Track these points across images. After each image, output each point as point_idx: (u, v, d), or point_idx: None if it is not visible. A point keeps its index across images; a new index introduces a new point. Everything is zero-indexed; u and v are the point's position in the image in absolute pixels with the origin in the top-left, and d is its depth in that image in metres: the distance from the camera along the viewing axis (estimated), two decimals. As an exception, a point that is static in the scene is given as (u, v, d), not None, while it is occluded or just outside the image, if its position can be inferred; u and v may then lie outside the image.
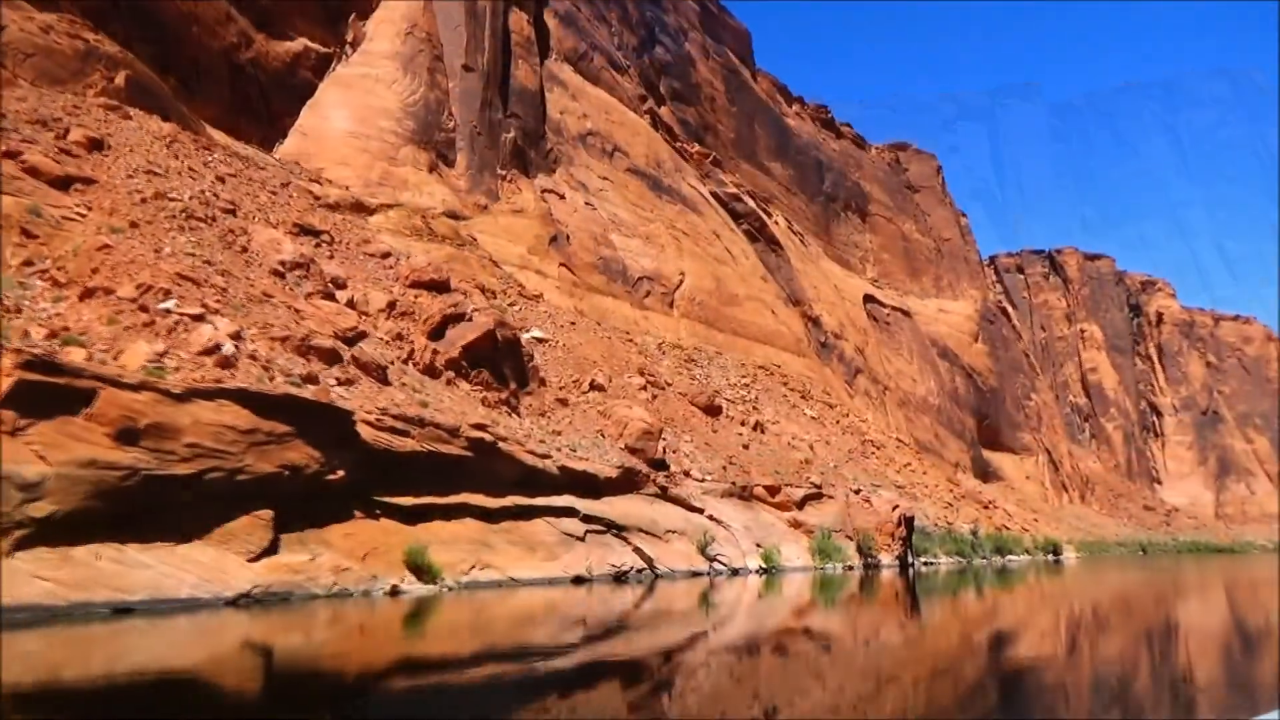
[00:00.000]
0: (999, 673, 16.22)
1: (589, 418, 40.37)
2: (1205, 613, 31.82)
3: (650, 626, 22.63)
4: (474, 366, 33.90)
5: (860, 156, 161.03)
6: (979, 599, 34.70)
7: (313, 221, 37.47)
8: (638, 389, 51.91)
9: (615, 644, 18.55)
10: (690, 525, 37.38)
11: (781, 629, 22.43)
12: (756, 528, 42.75)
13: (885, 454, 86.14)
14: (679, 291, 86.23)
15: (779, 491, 46.57)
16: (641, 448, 38.38)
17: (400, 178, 65.67)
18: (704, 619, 24.29)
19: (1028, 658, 18.45)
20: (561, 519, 29.40)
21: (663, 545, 34.16)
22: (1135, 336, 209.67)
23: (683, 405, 52.71)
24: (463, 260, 59.96)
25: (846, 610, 27.63)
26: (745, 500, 44.65)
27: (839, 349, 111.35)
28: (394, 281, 36.55)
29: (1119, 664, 17.36)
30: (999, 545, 67.98)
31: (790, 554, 43.07)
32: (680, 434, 48.04)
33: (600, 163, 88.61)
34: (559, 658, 16.60)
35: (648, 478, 37.05)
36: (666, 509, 37.04)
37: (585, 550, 29.38)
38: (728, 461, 47.60)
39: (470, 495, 25.77)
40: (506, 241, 68.76)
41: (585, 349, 56.08)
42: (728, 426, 53.45)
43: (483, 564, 24.54)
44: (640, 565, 32.10)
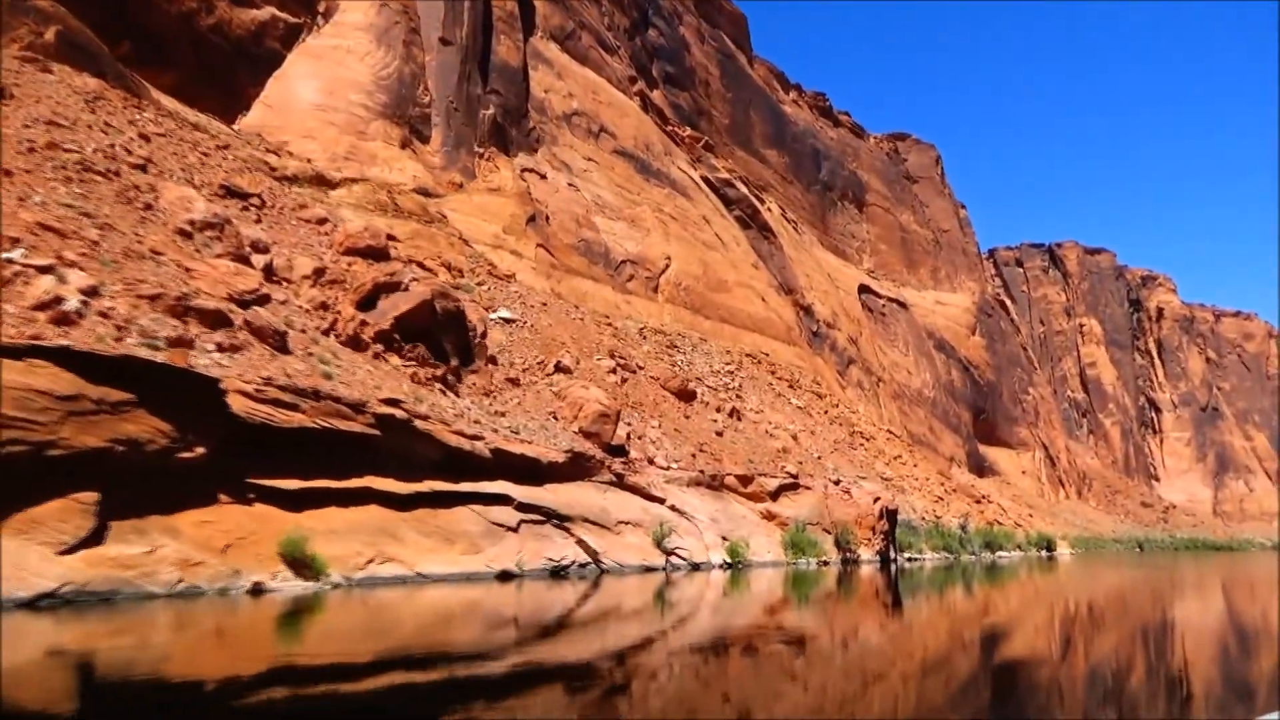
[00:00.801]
0: (979, 677, 14.45)
1: (543, 399, 37.10)
2: (1202, 613, 28.54)
3: (598, 626, 19.65)
4: (408, 340, 30.62)
5: (858, 146, 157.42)
6: (962, 597, 31.41)
7: (241, 184, 34.18)
8: (606, 372, 48.63)
9: (557, 645, 16.25)
10: (648, 516, 34.13)
11: (745, 631, 19.36)
12: (725, 519, 39.48)
13: (875, 446, 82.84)
14: (664, 276, 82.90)
15: (751, 481, 43.28)
16: (597, 431, 35.10)
17: (369, 152, 62.36)
18: (659, 618, 21.22)
19: (1010, 661, 16.47)
20: (491, 507, 26.11)
21: (612, 537, 30.89)
22: (1135, 332, 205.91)
23: (654, 389, 49.41)
24: (429, 237, 56.67)
25: (816, 611, 24.39)
26: (714, 490, 41.38)
27: (831, 339, 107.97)
28: (328, 249, 33.26)
29: (1107, 669, 15.34)
30: (989, 541, 64.61)
31: (760, 548, 39.78)
32: (648, 419, 44.77)
33: (585, 143, 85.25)
34: (487, 662, 14.12)
35: (602, 464, 33.78)
36: (622, 498, 33.78)
37: (517, 542, 26.11)
38: (698, 449, 44.32)
39: (376, 479, 22.49)
40: (480, 220, 65.44)
41: (555, 330, 52.81)
42: (702, 412, 50.15)
43: (384, 556, 21.26)
44: (584, 559, 28.83)
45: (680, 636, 18.43)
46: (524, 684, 12.33)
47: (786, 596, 28.80)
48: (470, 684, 12.27)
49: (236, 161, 38.12)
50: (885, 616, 23.79)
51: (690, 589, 29.55)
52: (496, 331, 50.87)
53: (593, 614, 22.25)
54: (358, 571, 20.58)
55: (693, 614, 22.66)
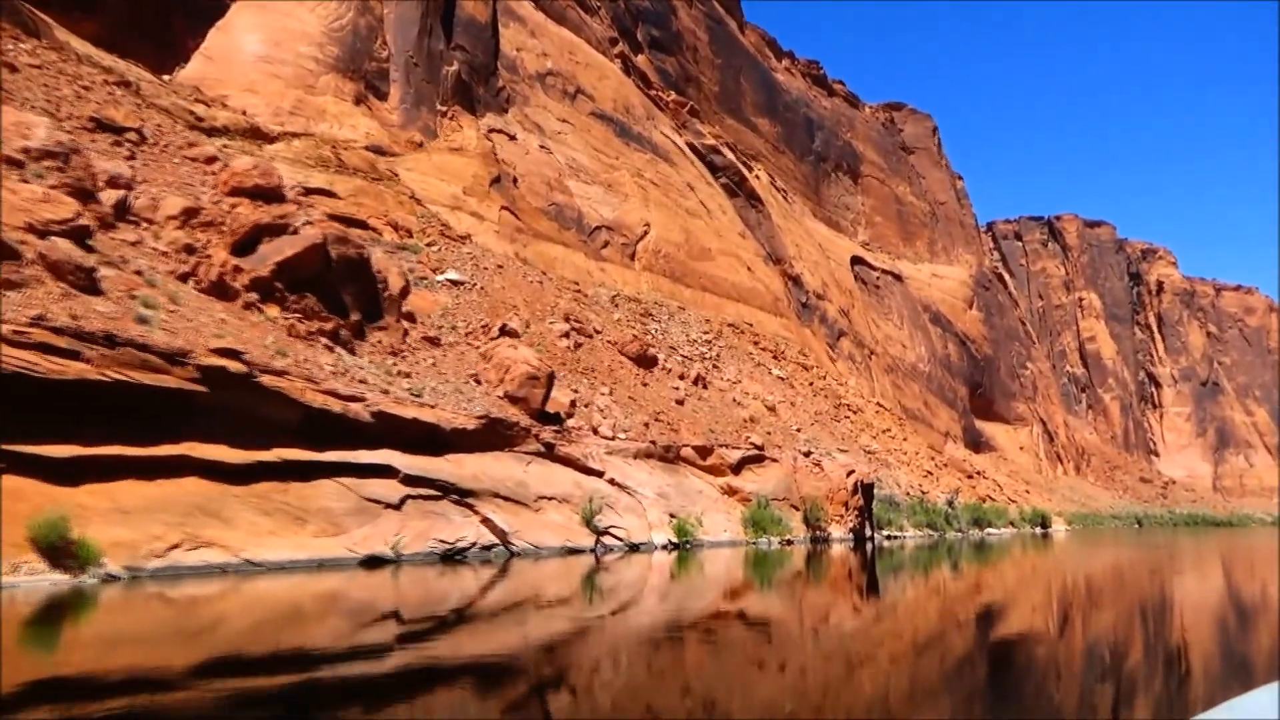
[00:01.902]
0: (947, 677, 11.87)
1: (466, 361, 32.63)
2: (1199, 592, 24.11)
3: (508, 618, 15.99)
4: (294, 290, 26.14)
5: (853, 116, 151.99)
6: (938, 581, 26.96)
7: (115, 116, 29.62)
8: (558, 335, 44.15)
9: (458, 640, 13.48)
10: (580, 491, 29.73)
11: (680, 624, 15.72)
12: (676, 495, 35.07)
13: (862, 419, 78.36)
14: (642, 243, 78.19)
15: (711, 453, 38.82)
16: (524, 396, 30.64)
17: (317, 107, 57.65)
18: (580, 609, 17.48)
19: (987, 654, 13.92)
20: (367, 480, 21.71)
21: (529, 515, 26.48)
22: (1135, 305, 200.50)
23: (610, 355, 44.91)
24: (375, 195, 52.09)
25: (763, 600, 20.13)
26: (668, 463, 36.94)
27: (821, 310, 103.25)
28: (212, 189, 28.72)
29: (1090, 660, 13.01)
30: (977, 517, 60.12)
31: (715, 526, 35.36)
32: (598, 386, 40.28)
33: (560, 104, 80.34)
34: (361, 662, 11.29)
35: (528, 432, 29.34)
36: (549, 471, 29.36)
37: (397, 522, 21.71)
38: (653, 418, 39.85)
39: (199, 445, 18.08)
40: (438, 180, 60.76)
41: (507, 293, 48.31)
42: (662, 380, 45.66)
43: (197, 541, 16.87)
44: (489, 540, 24.43)
45: (602, 632, 14.94)
46: (419, 684, 9.92)
47: (733, 582, 24.40)
48: (341, 687, 9.73)
49: (126, 98, 33.51)
50: (844, 606, 19.49)
51: (621, 574, 25.20)
52: (442, 293, 46.43)
53: (500, 604, 18.43)
54: (152, 560, 16.18)
55: (615, 604, 18.50)
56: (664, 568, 27.19)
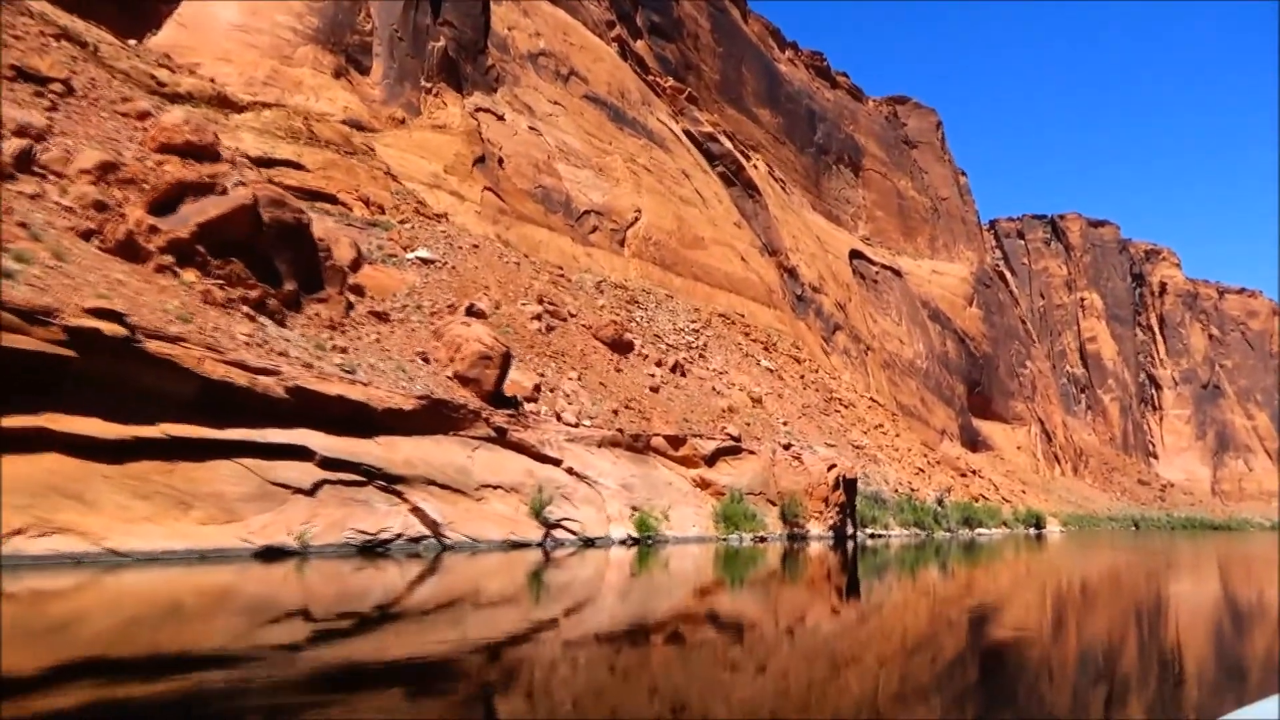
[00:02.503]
0: (931, 685, 10.31)
1: (418, 338, 30.25)
2: (1198, 602, 21.69)
3: (449, 616, 14.03)
4: (219, 254, 23.76)
5: (856, 109, 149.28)
6: (924, 584, 24.57)
7: (39, 66, 27.24)
8: (529, 318, 41.76)
9: (383, 640, 11.63)
10: (534, 480, 27.37)
11: (619, 629, 13.76)
12: (642, 487, 32.70)
13: (854, 413, 75.91)
14: (633, 229, 75.77)
15: (683, 443, 36.44)
16: (475, 377, 28.27)
17: (293, 79, 55.24)
18: (527, 608, 15.39)
19: (971, 659, 12.45)
20: (276, 462, 19.37)
21: (469, 505, 24.13)
22: (1137, 306, 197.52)
23: (584, 339, 42.51)
24: (347, 169, 49.73)
25: (728, 601, 17.78)
26: (636, 452, 34.57)
27: (817, 303, 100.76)
28: (139, 145, 26.36)
29: (1080, 674, 11.20)
30: (968, 516, 57.66)
31: (683, 520, 32.99)
32: (566, 370, 37.90)
33: (552, 86, 77.84)
34: (264, 665, 9.57)
35: (477, 415, 26.98)
36: (498, 457, 27.00)
37: (307, 509, 19.37)
38: (624, 405, 37.47)
39: (62, 417, 15.74)
40: (419, 158, 58.36)
41: (480, 274, 45.94)
42: (638, 366, 43.26)
43: (45, 526, 14.55)
44: (419, 532, 22.08)
45: (555, 632, 13.07)
46: (337, 688, 8.57)
47: (698, 582, 22.00)
48: (241, 693, 8.15)
49: (60, 49, 31.11)
50: (816, 610, 17.11)
51: (574, 571, 22.87)
52: (411, 272, 44.11)
53: (433, 601, 16.12)
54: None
55: (569, 602, 16.32)
56: (623, 564, 24.86)
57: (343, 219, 45.92)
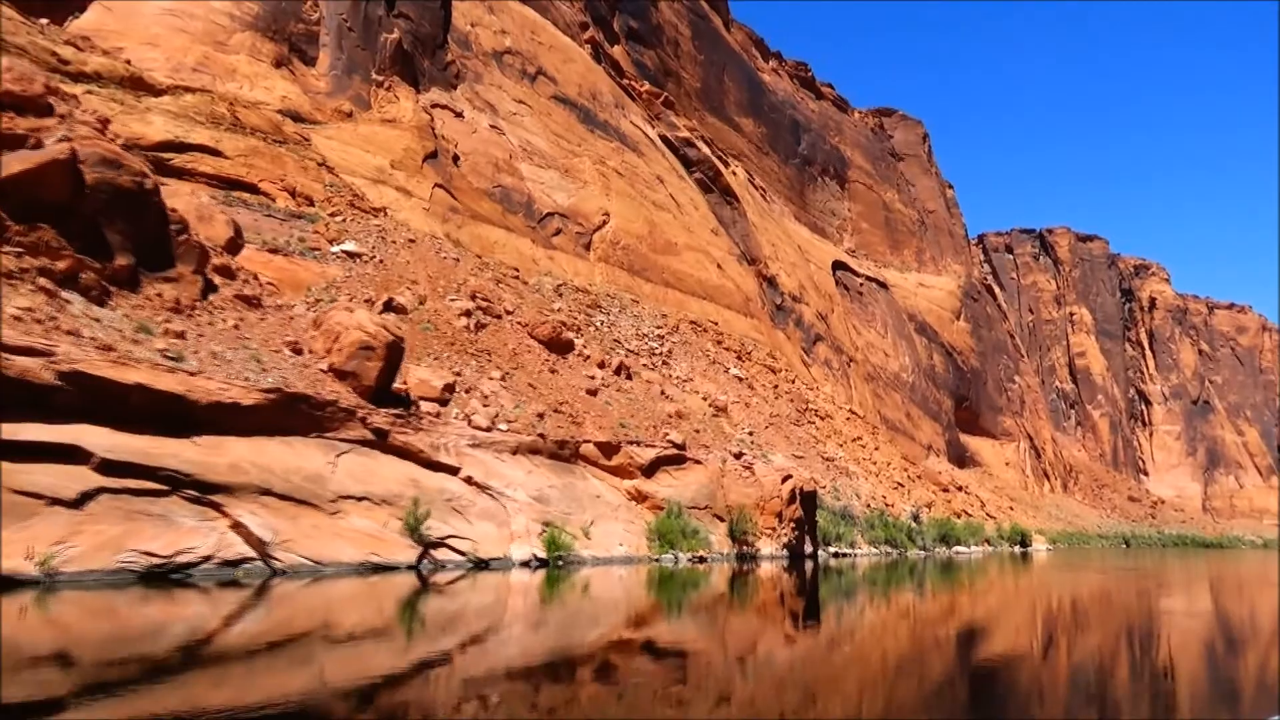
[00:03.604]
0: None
1: (295, 327, 25.94)
2: (1194, 636, 17.31)
3: (290, 656, 11.22)
4: (25, 218, 19.51)
5: (841, 120, 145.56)
6: (880, 612, 20.15)
7: None
8: (457, 314, 37.45)
9: (192, 689, 8.73)
10: (418, 490, 23.00)
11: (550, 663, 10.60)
12: (563, 500, 28.30)
13: (831, 425, 71.56)
14: (599, 233, 71.63)
15: (617, 451, 32.07)
16: (355, 370, 23.96)
17: (226, 66, 51.19)
18: (403, 643, 12.51)
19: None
20: (33, 465, 15.06)
21: (315, 520, 19.74)
22: (1126, 322, 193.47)
23: (518, 337, 38.19)
24: (273, 158, 45.56)
25: (637, 636, 13.51)
26: (562, 460, 30.20)
27: (797, 313, 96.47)
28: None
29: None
30: (945, 533, 53.16)
31: (608, 538, 28.57)
32: (489, 369, 33.55)
33: (518, 85, 73.87)
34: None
35: (350, 414, 22.65)
36: (373, 463, 22.65)
37: (66, 524, 15.01)
38: (553, 408, 33.10)
39: None
40: (363, 151, 54.25)
41: (411, 269, 41.70)
42: (577, 367, 38.91)
43: None
44: (242, 553, 17.72)
45: (450, 670, 10.48)
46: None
47: (599, 614, 17.57)
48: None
49: None
50: (740, 649, 12.86)
51: (463, 598, 18.55)
52: (334, 265, 39.91)
53: (263, 638, 12.46)
54: None
55: (462, 635, 12.46)
56: (527, 591, 20.52)
57: (262, 209, 41.78)
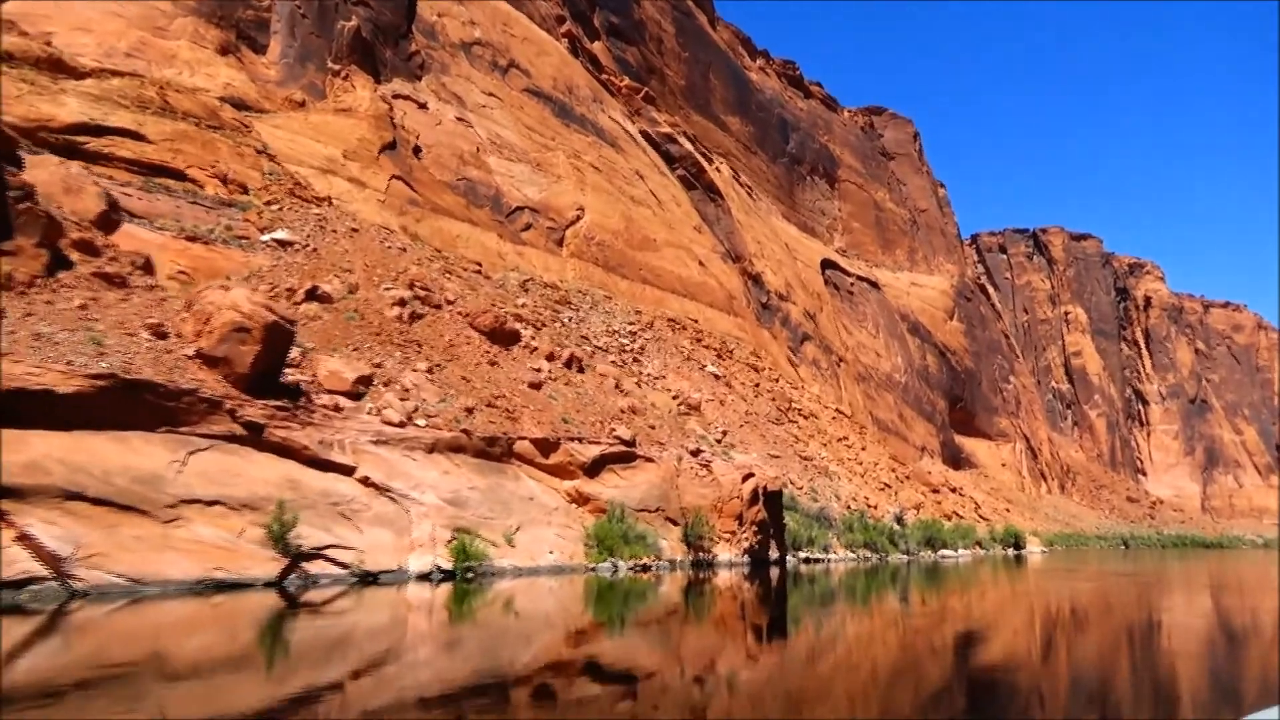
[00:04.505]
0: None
1: (167, 308, 22.53)
2: (1199, 648, 13.76)
3: (110, 694, 8.49)
4: None
5: (830, 118, 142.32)
6: (840, 624, 16.59)
7: None
8: (390, 303, 34.01)
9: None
10: (297, 493, 19.56)
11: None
12: (485, 502, 24.78)
13: (816, 425, 68.03)
14: (573, 229, 68.25)
15: (555, 448, 28.56)
16: (226, 356, 20.52)
17: (165, 52, 47.87)
18: (275, 674, 9.77)
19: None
20: None
21: (142, 529, 16.24)
22: (1122, 321, 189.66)
23: (456, 328, 34.71)
24: (205, 143, 42.19)
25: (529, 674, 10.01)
26: (492, 459, 26.69)
27: (784, 312, 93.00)
28: None
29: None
30: (930, 536, 49.53)
31: (538, 545, 25.03)
32: (415, 360, 30.08)
33: (488, 77, 70.62)
34: None
35: (216, 406, 19.21)
36: (240, 462, 19.17)
37: None
38: (486, 402, 29.61)
39: None
40: (313, 141, 50.90)
41: (348, 257, 38.31)
42: (521, 359, 35.42)
43: None
44: (25, 572, 14.23)
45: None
46: None
47: (489, 639, 14.12)
48: None
49: None
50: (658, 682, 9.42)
51: (348, 620, 15.03)
52: (261, 254, 36.52)
53: (68, 673, 9.70)
54: None
55: (354, 663, 9.33)
56: (429, 608, 17.05)
57: (187, 196, 38.41)
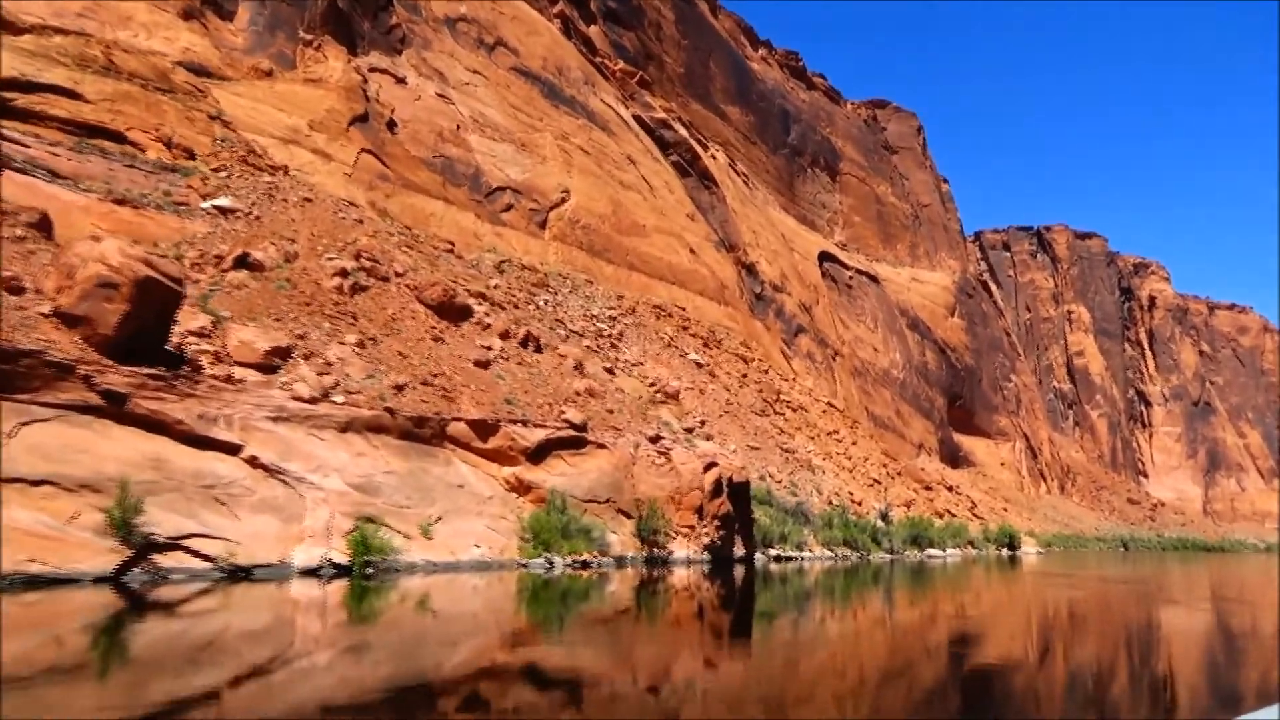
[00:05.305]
0: None
1: (32, 264, 19.73)
2: (1190, 657, 10.83)
3: None
4: None
5: (833, 111, 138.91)
6: (797, 639, 13.65)
7: None
8: (331, 273, 31.16)
9: None
10: (159, 474, 16.76)
11: None
12: (402, 489, 21.94)
13: (804, 417, 65.04)
14: (557, 211, 65.35)
15: (495, 431, 25.70)
16: (88, 315, 17.72)
17: (120, 13, 45.04)
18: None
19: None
20: None
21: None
22: (1125, 321, 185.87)
23: (401, 301, 31.87)
24: (149, 106, 39.35)
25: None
26: (420, 441, 23.82)
27: (778, 303, 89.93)
28: None
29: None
30: (917, 534, 46.51)
31: (462, 537, 22.16)
32: (344, 332, 27.24)
33: (473, 54, 67.77)
34: None
35: (68, 371, 16.41)
36: (90, 437, 16.35)
37: None
38: (421, 380, 26.74)
39: None
40: (274, 109, 48.09)
41: (294, 226, 35.46)
42: (471, 336, 32.54)
43: None
44: None
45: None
46: None
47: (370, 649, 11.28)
48: None
49: None
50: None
51: (174, 626, 12.23)
52: (199, 222, 33.69)
53: None
54: None
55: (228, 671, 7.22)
56: (302, 609, 14.22)
57: (124, 159, 35.59)
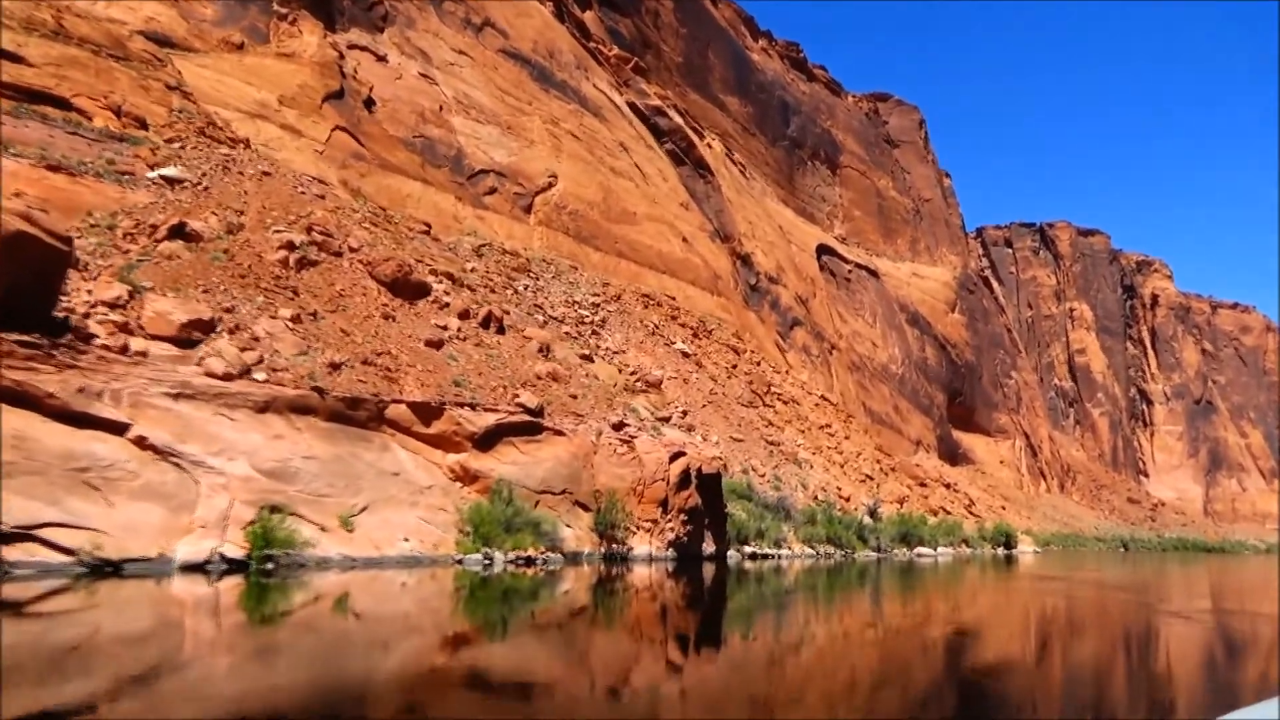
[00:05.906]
0: None
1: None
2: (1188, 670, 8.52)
3: None
4: None
5: (834, 103, 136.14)
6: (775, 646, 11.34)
7: None
8: (276, 246, 28.86)
9: None
10: (20, 454, 14.51)
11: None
12: (323, 476, 19.65)
13: (795, 410, 62.65)
14: (543, 196, 62.98)
15: (439, 415, 23.39)
16: (-55, 274, 15.46)
17: (81, -22, 42.81)
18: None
19: None
20: None
21: None
22: (1128, 319, 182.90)
23: (352, 278, 29.57)
24: (100, 72, 37.09)
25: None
26: (354, 424, 21.55)
27: (773, 295, 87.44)
28: None
29: None
30: (906, 532, 44.11)
31: (390, 530, 19.88)
32: (279, 307, 24.94)
33: (459, 35, 65.42)
34: None
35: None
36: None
37: None
38: (361, 359, 24.43)
39: None
40: (242, 82, 45.79)
41: (244, 199, 33.16)
42: (426, 315, 30.22)
43: None
44: None
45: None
46: None
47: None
48: None
49: None
50: None
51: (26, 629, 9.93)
52: (141, 192, 31.42)
53: None
54: None
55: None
56: (164, 611, 11.93)
57: (67, 125, 33.35)
